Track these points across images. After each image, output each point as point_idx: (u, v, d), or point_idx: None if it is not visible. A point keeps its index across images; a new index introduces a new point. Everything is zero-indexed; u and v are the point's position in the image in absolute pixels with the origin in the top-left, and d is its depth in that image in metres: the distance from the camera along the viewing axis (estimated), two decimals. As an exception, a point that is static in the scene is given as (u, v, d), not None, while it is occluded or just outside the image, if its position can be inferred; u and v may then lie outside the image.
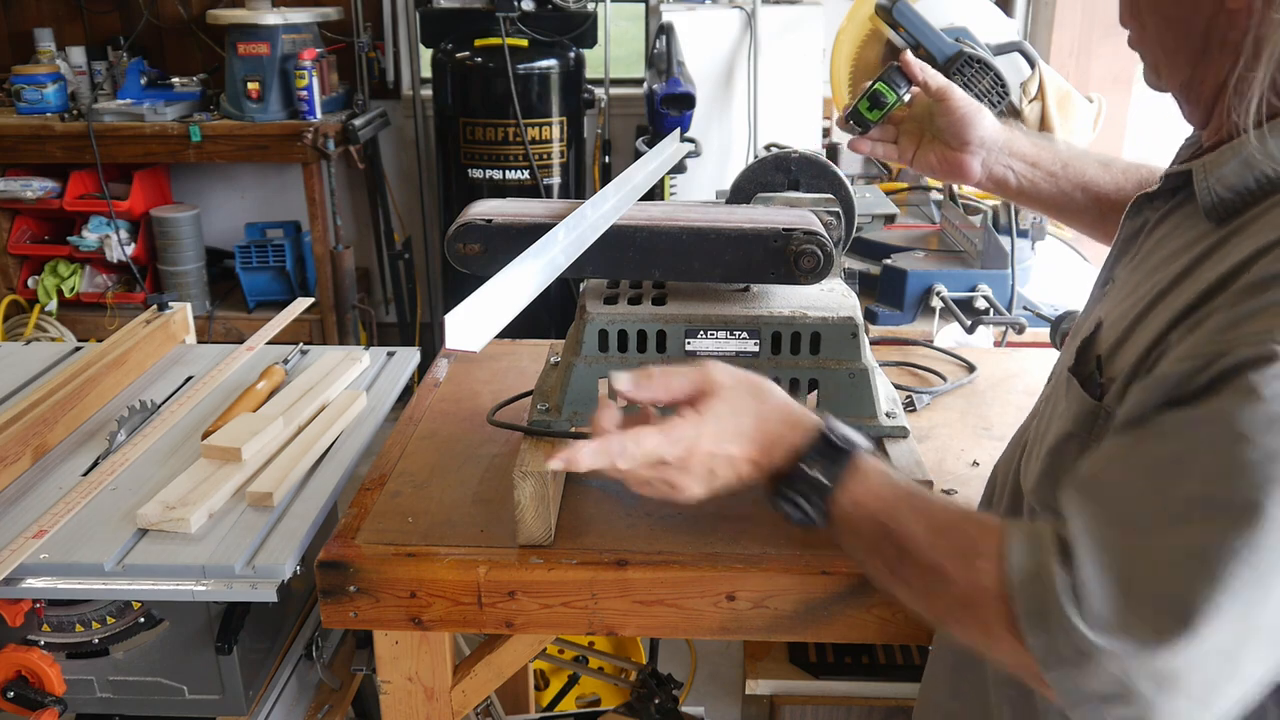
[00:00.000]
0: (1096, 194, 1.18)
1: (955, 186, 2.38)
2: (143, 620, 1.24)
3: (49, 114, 3.71)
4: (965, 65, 1.92)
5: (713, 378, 0.91)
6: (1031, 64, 2.00)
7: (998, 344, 1.90)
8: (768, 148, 1.45)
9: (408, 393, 1.68)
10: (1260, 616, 0.64)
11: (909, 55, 1.19)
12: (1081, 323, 0.95)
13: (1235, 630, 0.64)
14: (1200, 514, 0.65)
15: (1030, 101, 1.98)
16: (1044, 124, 1.98)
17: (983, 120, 1.18)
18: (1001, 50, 1.98)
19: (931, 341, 1.83)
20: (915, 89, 1.23)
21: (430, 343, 4.09)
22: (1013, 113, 1.99)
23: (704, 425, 0.89)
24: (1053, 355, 1.53)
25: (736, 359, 1.16)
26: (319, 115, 3.62)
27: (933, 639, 1.09)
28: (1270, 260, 0.68)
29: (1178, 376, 0.69)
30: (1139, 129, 3.44)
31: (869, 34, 2.15)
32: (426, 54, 3.70)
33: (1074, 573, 0.68)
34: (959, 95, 1.19)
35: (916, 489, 0.85)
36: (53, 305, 3.86)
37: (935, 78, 1.19)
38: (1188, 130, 0.97)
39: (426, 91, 3.86)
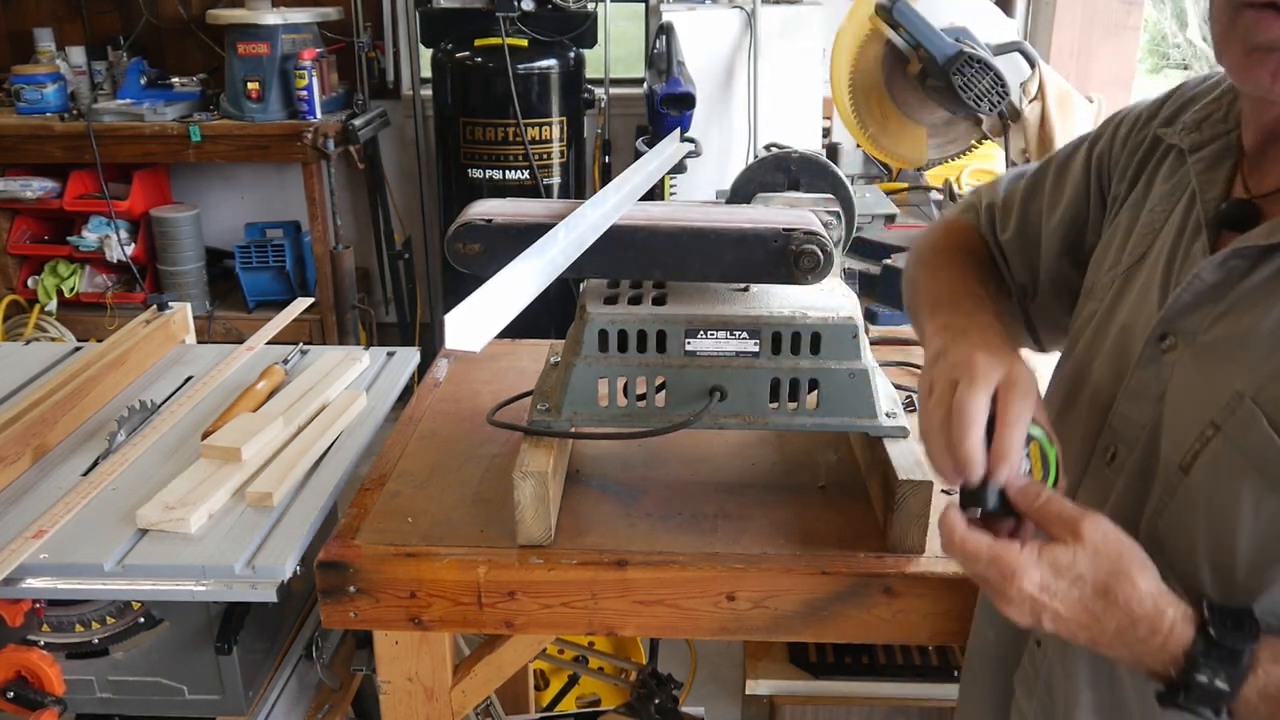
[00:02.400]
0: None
1: (955, 186, 2.38)
2: (142, 620, 1.24)
3: (49, 114, 3.70)
4: (965, 65, 1.92)
5: (1082, 527, 0.77)
6: (1031, 64, 2.01)
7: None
8: (768, 148, 1.45)
9: (408, 393, 1.68)
10: None
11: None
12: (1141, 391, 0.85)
13: None
14: None
15: (1030, 101, 1.98)
16: (1044, 124, 1.98)
17: None
18: (1001, 50, 1.99)
19: (931, 341, 1.82)
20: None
21: (430, 343, 4.09)
22: (1012, 113, 1.99)
23: (1034, 566, 0.76)
24: (1053, 355, 1.52)
25: (736, 359, 1.16)
26: (319, 115, 3.62)
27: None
28: None
29: None
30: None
31: (869, 34, 2.15)
32: (426, 54, 3.70)
33: None
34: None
35: None
36: (52, 305, 3.85)
37: None
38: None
39: (426, 91, 3.86)
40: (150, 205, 3.85)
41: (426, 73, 3.81)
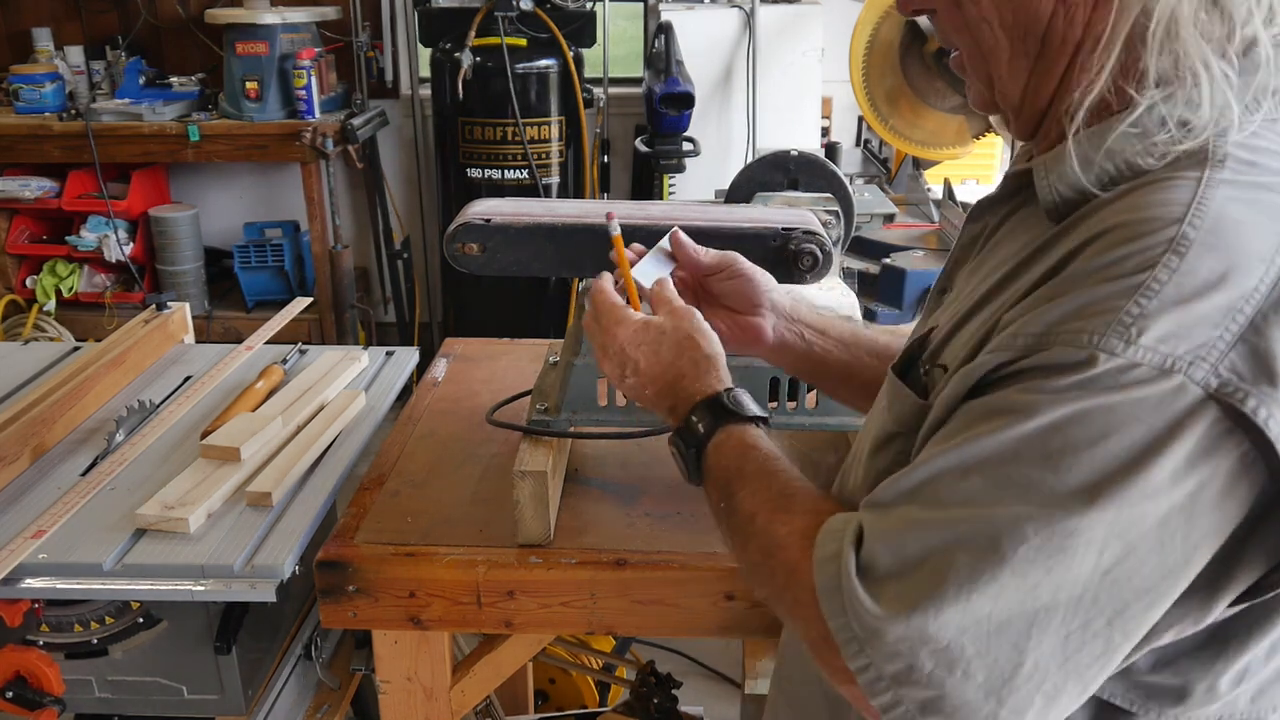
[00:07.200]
0: (891, 357, 1.01)
1: (954, 185, 2.38)
2: (141, 620, 1.24)
3: (47, 113, 3.70)
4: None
5: (674, 306, 0.99)
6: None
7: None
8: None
9: (406, 392, 1.68)
10: (1035, 600, 0.63)
11: (681, 234, 1.08)
12: (917, 329, 0.91)
13: (1006, 606, 0.63)
14: (976, 496, 0.66)
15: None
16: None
17: (770, 283, 1.09)
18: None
19: (930, 341, 1.82)
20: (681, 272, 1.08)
21: (429, 342, 4.09)
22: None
23: (633, 325, 0.98)
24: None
25: (735, 358, 1.16)
26: (317, 115, 3.62)
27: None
28: (1085, 257, 0.67)
29: (987, 367, 0.69)
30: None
31: (884, 14, 2.15)
32: (425, 53, 3.70)
33: (863, 550, 0.69)
34: (743, 261, 1.08)
35: (776, 466, 0.84)
36: (51, 305, 3.85)
37: (710, 254, 1.08)
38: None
39: (425, 91, 3.86)
40: (149, 205, 3.85)
41: (425, 72, 3.81)
